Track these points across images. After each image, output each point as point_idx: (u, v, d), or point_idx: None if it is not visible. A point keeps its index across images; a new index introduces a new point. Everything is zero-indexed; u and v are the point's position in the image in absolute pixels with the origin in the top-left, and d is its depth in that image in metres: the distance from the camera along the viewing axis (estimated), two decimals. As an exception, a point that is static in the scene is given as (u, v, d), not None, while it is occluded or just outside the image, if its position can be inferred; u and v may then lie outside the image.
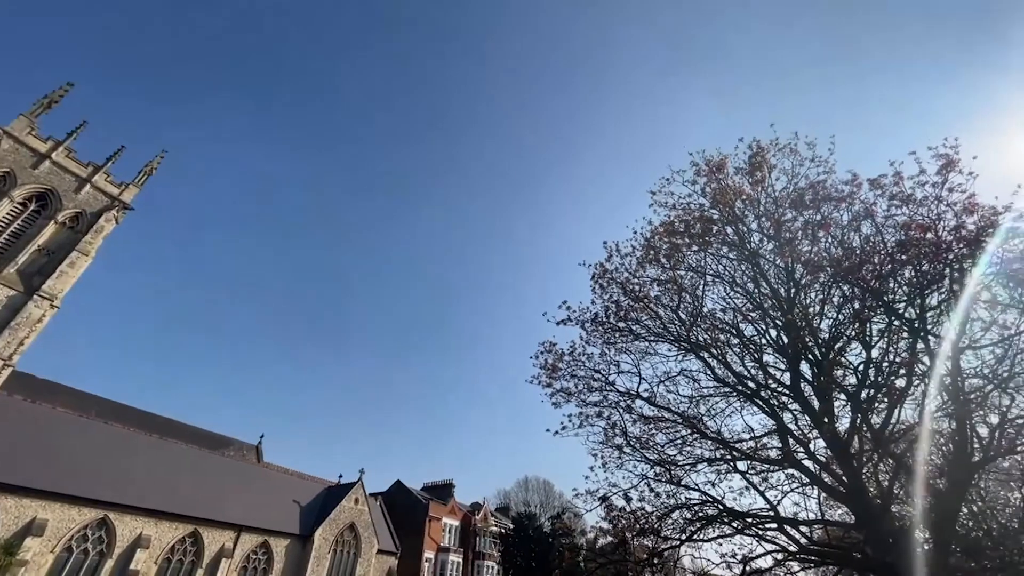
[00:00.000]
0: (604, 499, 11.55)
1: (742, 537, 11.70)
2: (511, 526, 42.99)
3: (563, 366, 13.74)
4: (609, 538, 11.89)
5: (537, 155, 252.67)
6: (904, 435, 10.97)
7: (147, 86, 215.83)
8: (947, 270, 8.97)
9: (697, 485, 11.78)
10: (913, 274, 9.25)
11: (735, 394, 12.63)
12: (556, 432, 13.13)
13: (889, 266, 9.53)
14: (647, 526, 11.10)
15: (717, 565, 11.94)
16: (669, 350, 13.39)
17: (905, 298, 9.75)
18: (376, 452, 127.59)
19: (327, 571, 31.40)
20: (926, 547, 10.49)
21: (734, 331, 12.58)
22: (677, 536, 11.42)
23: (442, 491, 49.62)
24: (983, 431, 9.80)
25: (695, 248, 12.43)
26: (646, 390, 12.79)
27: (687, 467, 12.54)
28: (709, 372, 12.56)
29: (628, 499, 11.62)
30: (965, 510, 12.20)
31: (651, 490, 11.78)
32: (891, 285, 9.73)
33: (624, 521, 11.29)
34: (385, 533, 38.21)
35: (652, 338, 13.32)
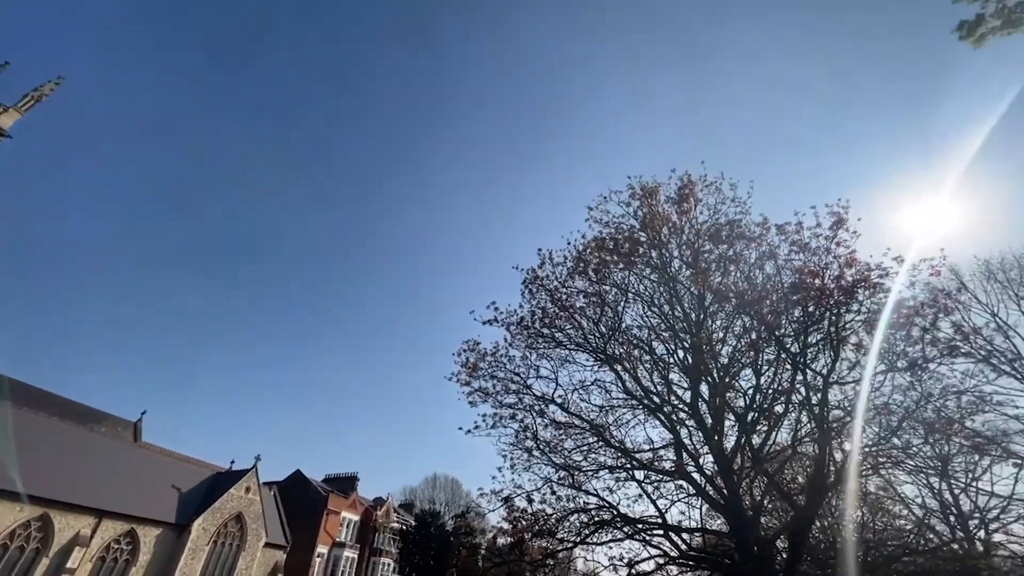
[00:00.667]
0: (507, 499, 11.73)
1: (631, 542, 12.45)
2: (414, 523, 42.20)
3: (484, 366, 13.80)
4: (508, 538, 12.09)
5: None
6: (778, 456, 12.30)
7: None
8: (827, 313, 10.20)
9: (596, 491, 12.34)
10: (801, 313, 10.41)
11: (641, 407, 13.40)
12: (469, 431, 13.14)
13: (783, 304, 10.65)
14: (545, 527, 11.43)
15: (606, 568, 12.59)
16: (587, 360, 13.94)
17: (792, 334, 10.94)
18: (280, 441, 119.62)
19: (203, 565, 28.76)
20: (784, 555, 11.81)
21: (647, 348, 13.37)
22: (572, 539, 11.88)
23: (345, 484, 47.56)
24: (838, 456, 11.25)
25: (621, 266, 13.06)
26: (560, 396, 13.20)
27: (590, 473, 13.11)
28: (620, 384, 13.22)
29: (531, 500, 11.91)
30: (817, 524, 13.94)
31: (553, 493, 12.17)
32: (783, 321, 10.87)
33: (524, 522, 11.54)
34: (276, 525, 35.81)
35: (572, 347, 13.78)
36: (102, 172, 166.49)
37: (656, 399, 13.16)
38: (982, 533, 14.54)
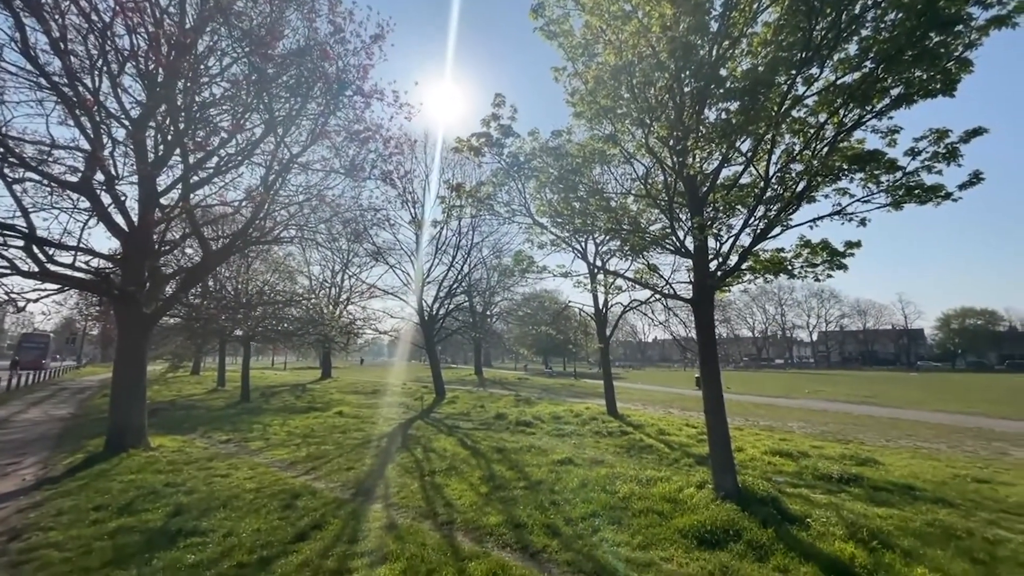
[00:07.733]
0: None
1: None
2: None
3: None
4: None
5: None
6: (218, 208, 12.29)
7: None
8: (322, 102, 10.71)
9: None
10: (294, 83, 10.39)
11: (54, 93, 9.55)
12: None
13: (285, 69, 10.24)
14: None
15: None
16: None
17: (284, 99, 10.88)
18: None
19: None
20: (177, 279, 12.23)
21: (99, 26, 9.40)
22: None
23: None
24: (268, 224, 12.59)
25: None
26: None
27: None
28: (21, 45, 8.74)
29: None
30: (227, 274, 15.43)
31: None
32: (278, 85, 10.52)
33: None
34: None
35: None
36: None
37: (87, 94, 9.71)
38: (344, 303, 21.17)
